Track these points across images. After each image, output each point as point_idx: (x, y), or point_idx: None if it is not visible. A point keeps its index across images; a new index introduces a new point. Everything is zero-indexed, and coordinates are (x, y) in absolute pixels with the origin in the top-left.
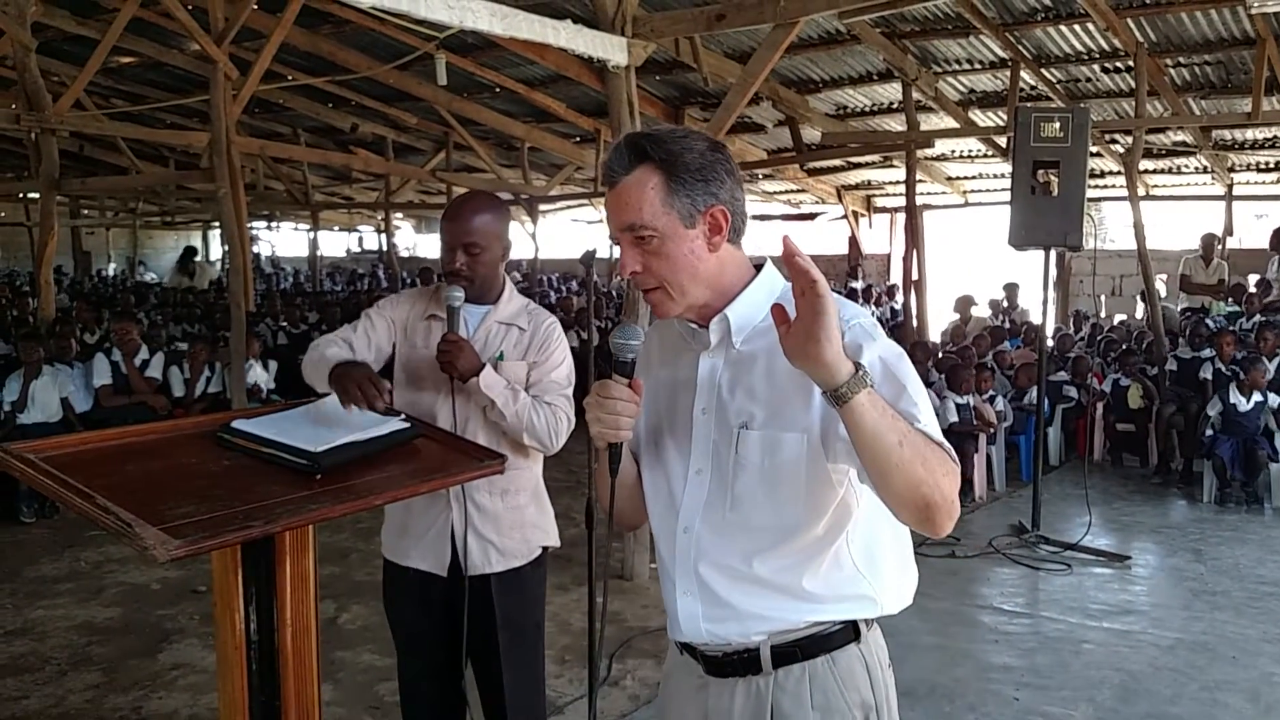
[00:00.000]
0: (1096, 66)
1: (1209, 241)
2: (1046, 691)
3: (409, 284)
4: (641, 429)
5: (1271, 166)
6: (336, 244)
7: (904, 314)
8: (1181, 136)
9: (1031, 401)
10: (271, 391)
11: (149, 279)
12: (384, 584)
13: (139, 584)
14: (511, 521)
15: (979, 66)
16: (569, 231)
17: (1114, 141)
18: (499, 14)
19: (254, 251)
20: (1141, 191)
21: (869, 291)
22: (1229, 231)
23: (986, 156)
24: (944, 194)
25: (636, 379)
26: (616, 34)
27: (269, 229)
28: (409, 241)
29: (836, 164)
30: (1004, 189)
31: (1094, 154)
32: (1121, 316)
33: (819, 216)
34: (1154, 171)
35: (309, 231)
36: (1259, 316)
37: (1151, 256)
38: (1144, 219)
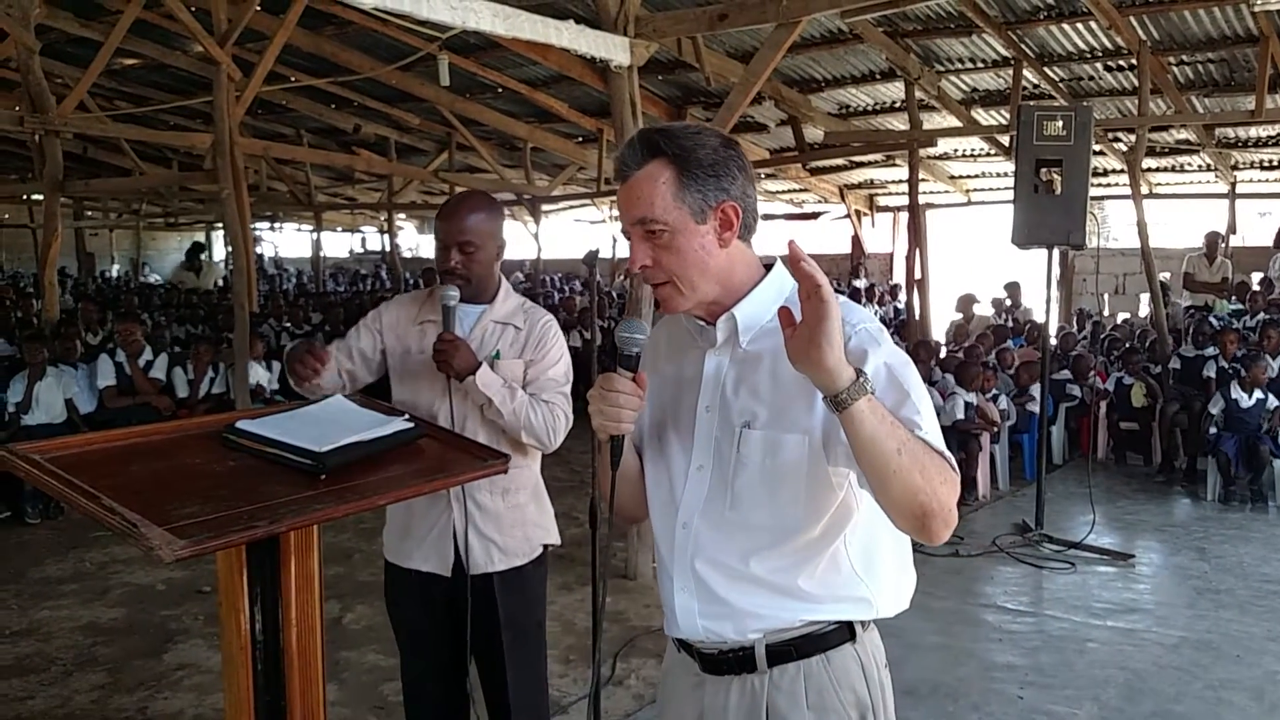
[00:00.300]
0: (1099, 65)
1: (1212, 240)
2: (1051, 690)
3: (412, 284)
4: (645, 424)
5: (1275, 164)
6: (339, 245)
7: (907, 313)
8: (1184, 134)
9: (1032, 399)
10: (275, 392)
11: (153, 280)
12: (386, 586)
13: (144, 584)
14: (513, 520)
15: (981, 65)
16: (572, 232)
17: (1117, 140)
18: (501, 14)
19: (257, 252)
20: (1144, 190)
21: (872, 291)
22: (1232, 229)
23: (989, 155)
24: (947, 193)
25: (640, 373)
26: (619, 34)
27: (272, 230)
28: (412, 242)
29: (839, 163)
30: (1007, 188)
31: (1097, 152)
32: (1125, 315)
33: (822, 216)
34: (1157, 170)
35: (312, 232)
36: (1262, 314)
37: (1155, 255)
38: (1147, 217)
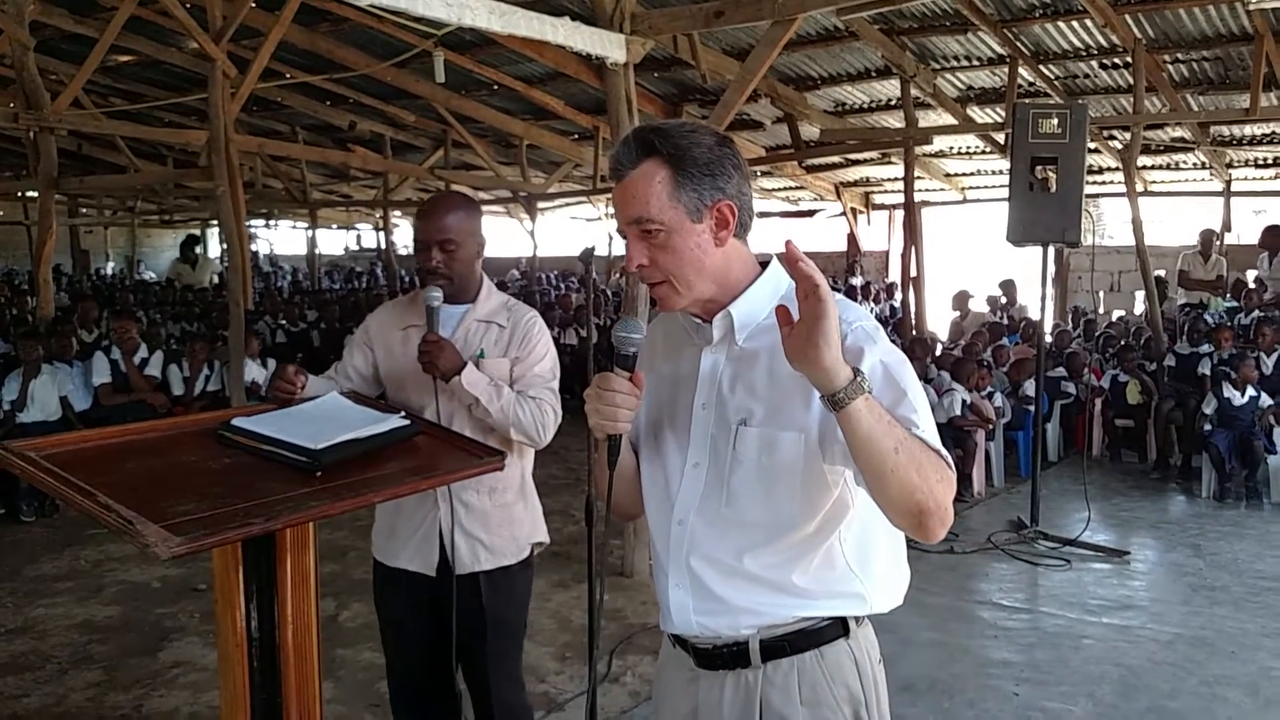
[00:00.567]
0: (1095, 63)
1: (1207, 237)
2: (1046, 687)
3: (407, 281)
4: (642, 422)
5: (1269, 162)
6: (335, 242)
7: (902, 311)
8: (1180, 132)
9: (1027, 396)
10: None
11: (148, 277)
12: (374, 584)
13: (139, 582)
14: (500, 519)
15: (977, 63)
16: (567, 229)
17: (1112, 138)
18: (497, 11)
19: (252, 250)
20: (1140, 187)
21: (868, 289)
22: (1227, 227)
23: (985, 153)
24: (942, 191)
25: (637, 372)
26: (615, 31)
27: (267, 227)
28: (407, 239)
29: (835, 161)
30: (1002, 185)
31: (1092, 150)
32: (1120, 312)
33: (817, 214)
34: (1152, 167)
35: (307, 229)
36: (1257, 312)
37: (1150, 252)
38: (1142, 215)
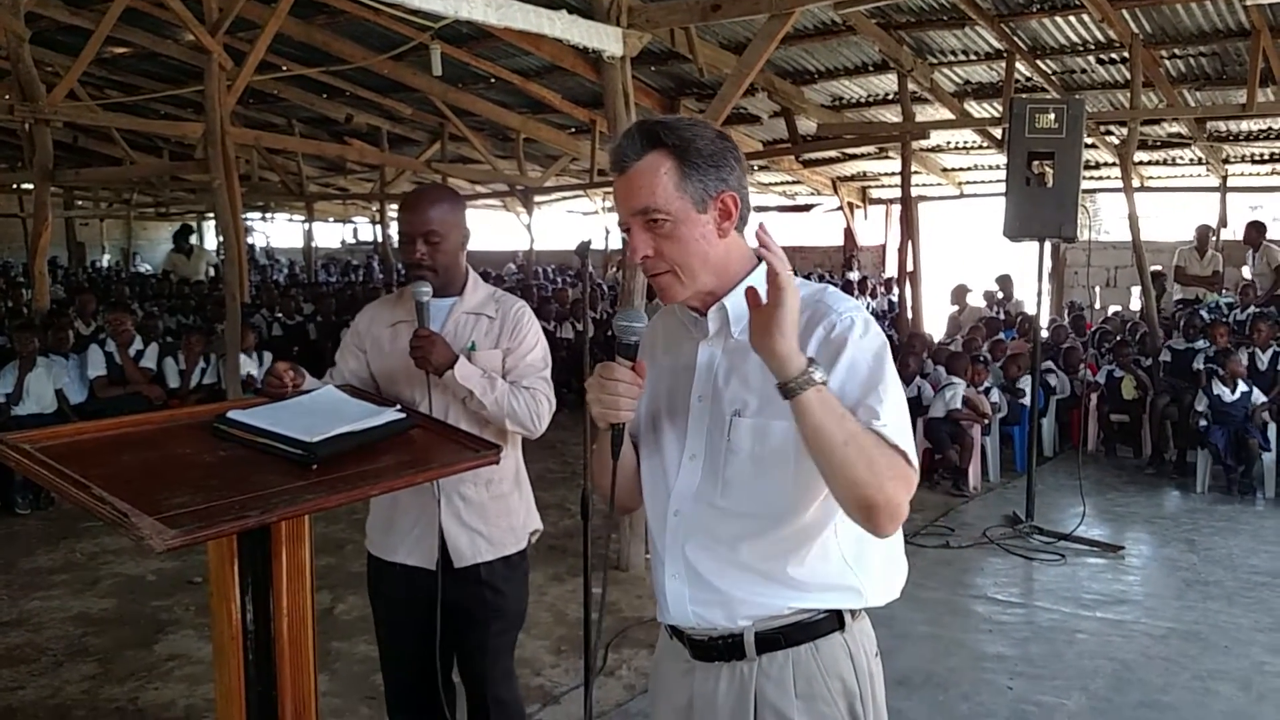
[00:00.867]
0: (1092, 58)
1: (1203, 233)
2: (1040, 681)
3: (404, 274)
4: (642, 414)
5: (1266, 158)
6: (331, 235)
7: (899, 306)
8: (1176, 128)
9: (1022, 391)
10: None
11: (144, 270)
12: (369, 578)
13: (134, 575)
14: (497, 510)
15: (974, 58)
16: (564, 223)
17: (1109, 133)
18: (494, 4)
19: (249, 243)
20: (1136, 183)
21: (864, 283)
22: (1223, 223)
23: (982, 148)
24: (939, 185)
25: (639, 361)
26: (612, 24)
27: (264, 220)
28: None
29: (832, 155)
30: (999, 180)
31: (1089, 145)
32: (1116, 308)
33: (814, 208)
34: (1149, 163)
35: (304, 223)
36: (1253, 308)
37: (1146, 248)
38: (1139, 210)
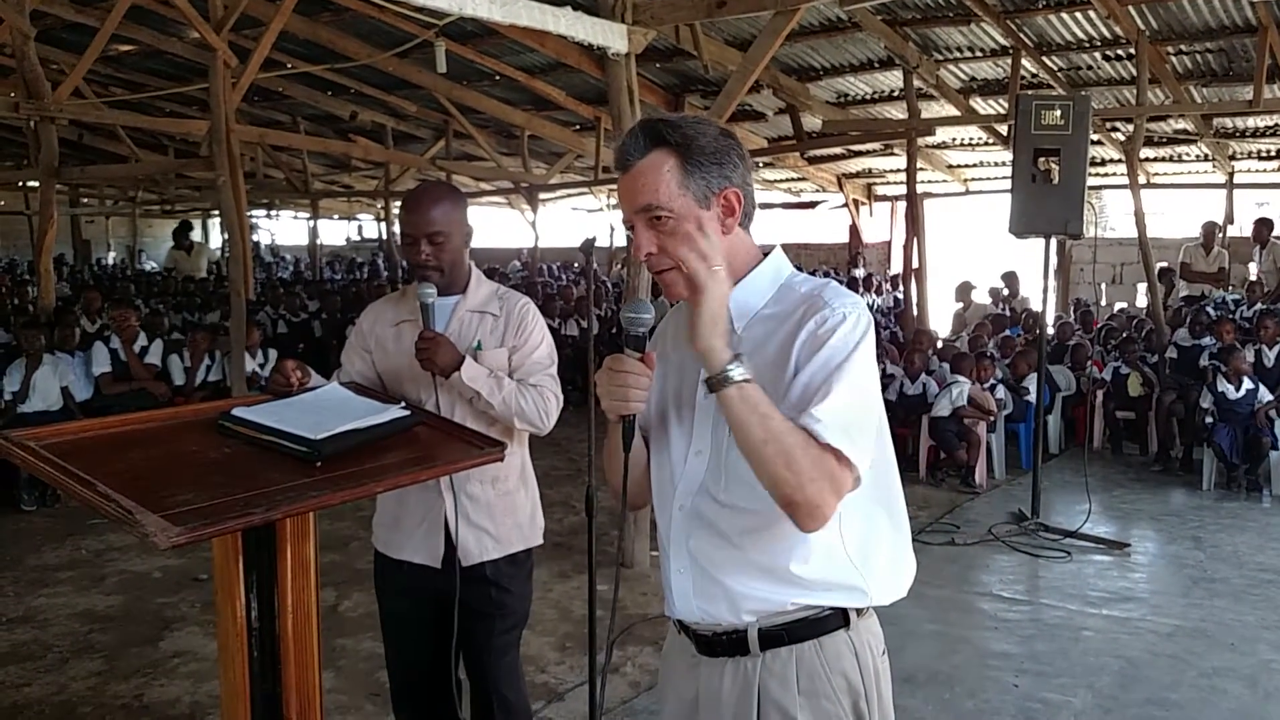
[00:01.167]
0: (1098, 54)
1: (1209, 229)
2: (1045, 678)
3: (409, 272)
4: (652, 411)
5: (1272, 154)
6: (336, 232)
7: (905, 303)
8: (1182, 124)
9: (1028, 389)
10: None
11: (149, 267)
12: (375, 576)
13: (140, 572)
14: (504, 508)
15: (980, 54)
16: (569, 220)
17: (1115, 129)
18: (499, 1)
19: (254, 240)
20: (1142, 179)
21: (869, 280)
22: (1229, 219)
23: (987, 144)
24: (945, 182)
25: (649, 352)
26: (617, 21)
27: (269, 217)
28: None
29: (837, 152)
30: (1005, 177)
31: (1095, 142)
32: (1122, 304)
33: (819, 205)
34: (1155, 159)
35: (309, 220)
36: (1260, 304)
37: (1152, 244)
38: (1145, 207)
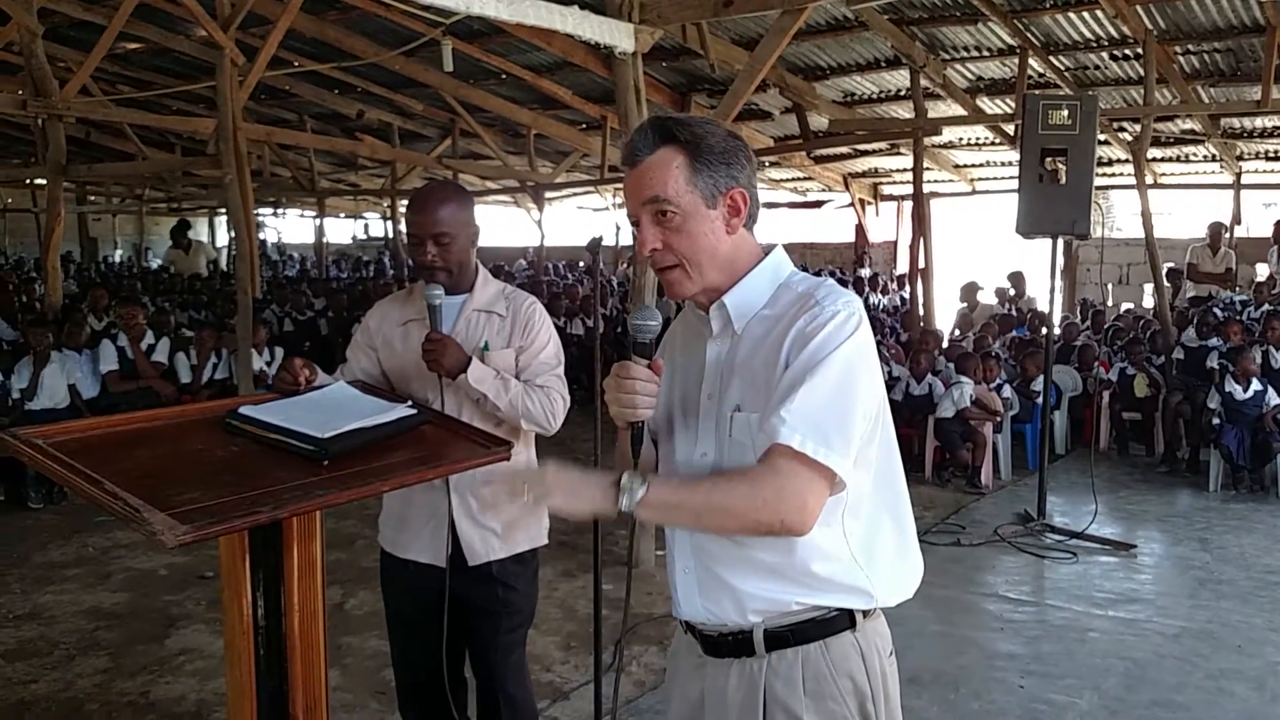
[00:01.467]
0: (1105, 54)
1: (1216, 230)
2: (1051, 679)
3: (414, 270)
4: (661, 414)
5: None
6: (342, 231)
7: (910, 302)
8: (1190, 125)
9: (1035, 390)
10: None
11: (156, 265)
12: (382, 574)
13: (146, 569)
14: (511, 508)
15: (987, 54)
16: (575, 219)
17: (1122, 129)
18: (505, 0)
19: (260, 238)
20: (1149, 180)
21: (875, 280)
22: (1237, 220)
23: (994, 144)
24: (951, 182)
25: (656, 359)
26: (623, 20)
27: (275, 215)
28: None
29: (843, 151)
30: (1011, 177)
31: (1102, 142)
32: (1128, 305)
33: (826, 204)
34: (1162, 160)
35: (315, 218)
36: (1267, 305)
37: (1159, 245)
38: (1152, 207)
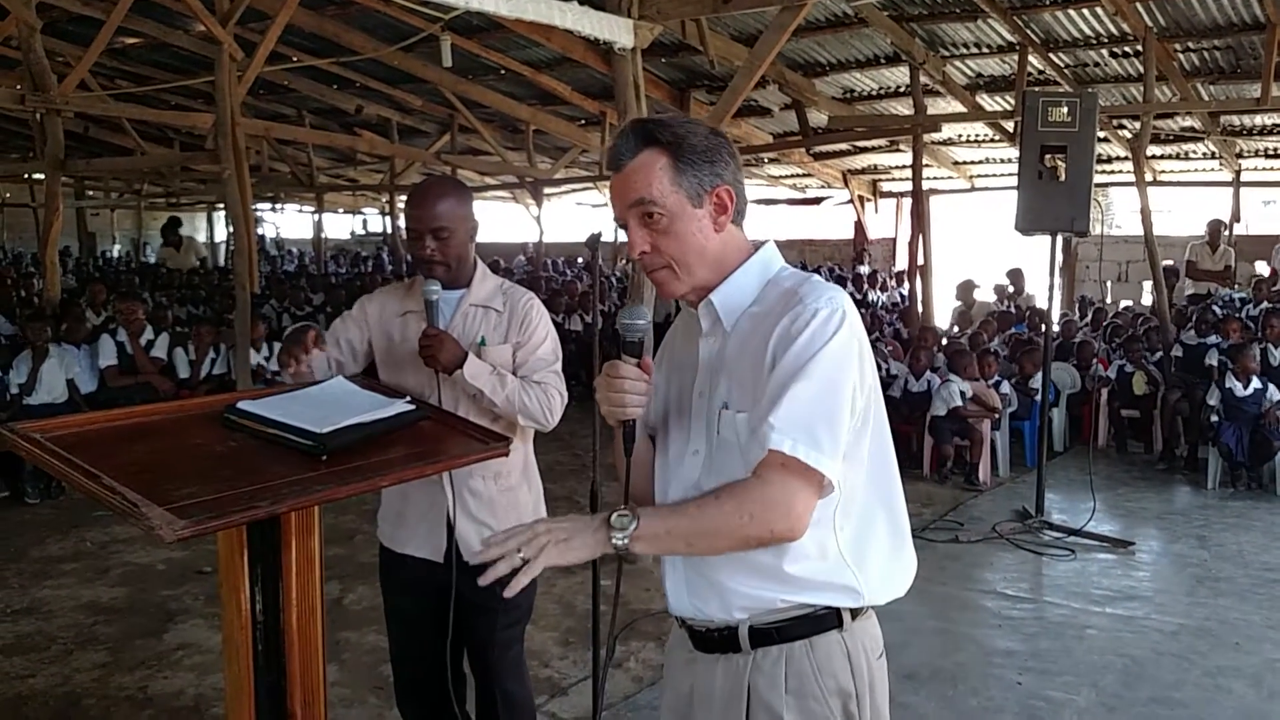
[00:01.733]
0: (1105, 51)
1: (1215, 228)
2: (1049, 676)
3: (412, 266)
4: (658, 412)
5: (1279, 153)
6: (341, 226)
7: (910, 299)
8: (1190, 122)
9: (1034, 388)
10: (275, 373)
11: (154, 260)
12: (380, 570)
13: (144, 564)
14: (507, 504)
15: (987, 50)
16: (574, 215)
17: (1122, 127)
18: None
19: (259, 234)
20: (1149, 177)
21: (874, 277)
22: (1236, 218)
23: (993, 141)
24: (950, 179)
25: (646, 359)
26: (623, 16)
27: (273, 211)
28: None
29: (843, 148)
30: (1011, 174)
31: (1101, 139)
32: (1127, 302)
33: (824, 201)
34: (1161, 157)
35: (313, 214)
36: (1265, 303)
37: (1158, 242)
38: (1151, 205)
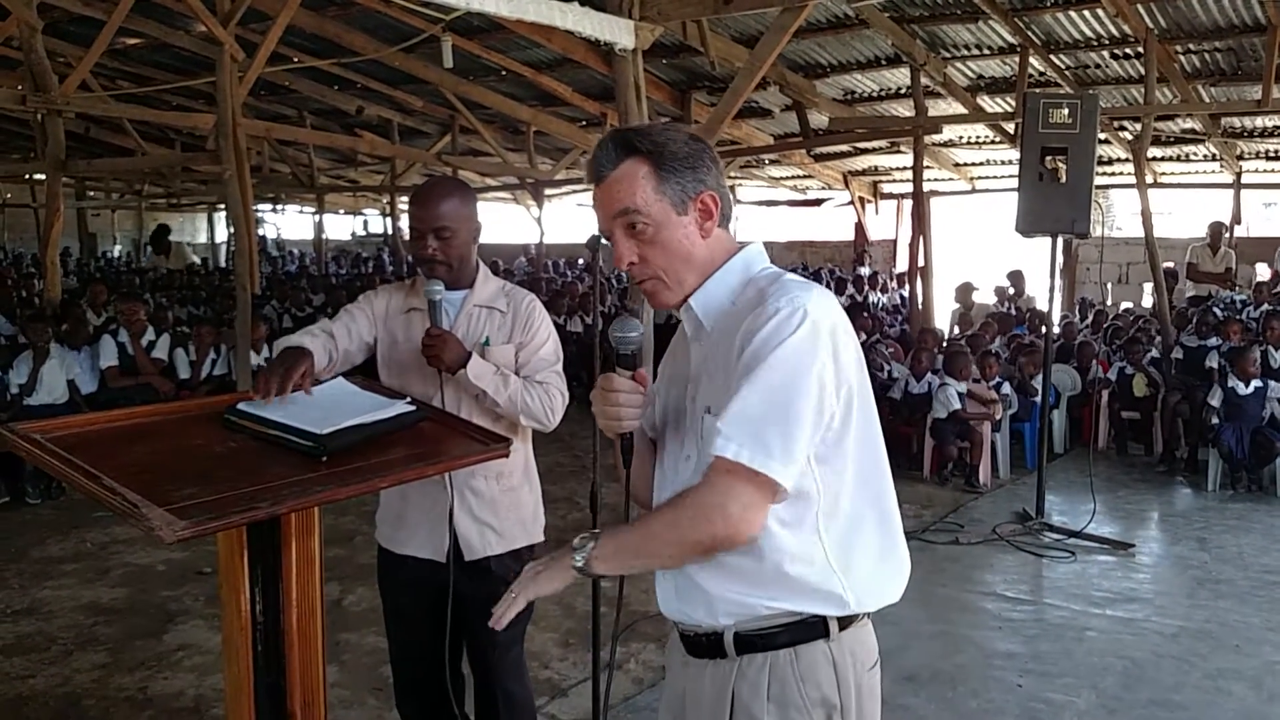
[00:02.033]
0: (1106, 53)
1: (1216, 230)
2: (1049, 678)
3: (413, 267)
4: (656, 416)
5: None
6: (342, 227)
7: (910, 301)
8: (1190, 124)
9: (1035, 389)
10: None
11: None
12: (379, 571)
13: (144, 565)
14: (508, 504)
15: (988, 52)
16: (574, 216)
17: (1122, 128)
18: None
19: (259, 234)
20: (1149, 179)
21: (875, 278)
22: (1237, 220)
23: (994, 143)
24: (951, 180)
25: (640, 370)
26: (624, 17)
27: (274, 212)
28: None
29: (843, 149)
30: (1011, 175)
31: (1102, 141)
32: (1127, 304)
33: (825, 202)
34: (1162, 159)
35: (314, 214)
36: (1266, 305)
37: (1159, 244)
38: (1152, 207)
